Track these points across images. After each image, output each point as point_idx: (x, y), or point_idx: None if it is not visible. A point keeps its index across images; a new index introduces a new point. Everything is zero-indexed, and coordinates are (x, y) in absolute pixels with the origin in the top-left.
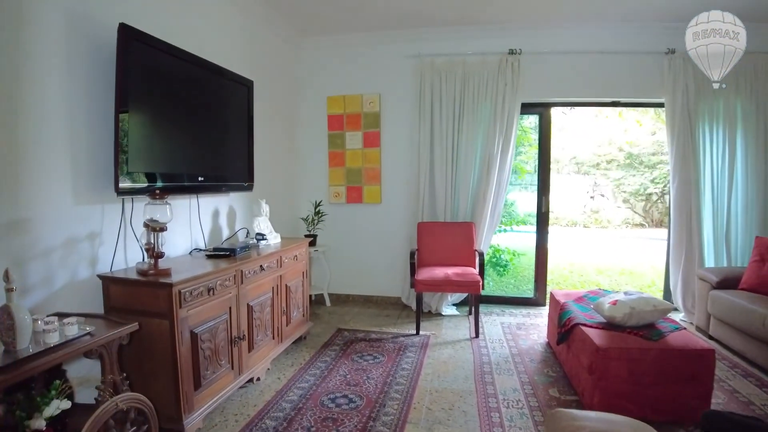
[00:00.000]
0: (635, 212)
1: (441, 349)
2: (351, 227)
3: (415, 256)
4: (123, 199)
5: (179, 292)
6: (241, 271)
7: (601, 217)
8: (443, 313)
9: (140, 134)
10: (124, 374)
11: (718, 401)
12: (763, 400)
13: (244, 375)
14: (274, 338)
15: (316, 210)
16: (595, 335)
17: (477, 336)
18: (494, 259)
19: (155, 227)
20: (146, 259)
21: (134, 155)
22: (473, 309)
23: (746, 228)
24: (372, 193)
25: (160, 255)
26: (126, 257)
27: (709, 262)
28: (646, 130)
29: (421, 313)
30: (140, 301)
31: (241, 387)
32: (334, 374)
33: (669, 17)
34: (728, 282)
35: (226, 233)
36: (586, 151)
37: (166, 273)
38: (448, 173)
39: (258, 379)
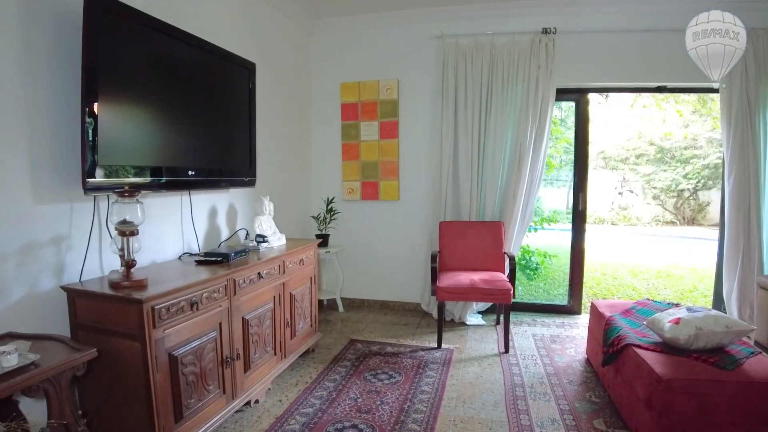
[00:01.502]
0: (666, 209)
1: (466, 367)
2: (366, 226)
3: (437, 260)
4: (96, 196)
5: (152, 308)
6: (234, 280)
7: (629, 214)
8: (467, 323)
9: (115, 121)
10: (80, 412)
11: None
12: None
13: (239, 399)
14: (276, 354)
15: (328, 208)
16: (654, 360)
17: (507, 351)
18: (523, 262)
19: (124, 231)
20: (121, 267)
21: (107, 145)
22: (502, 319)
23: None
24: (389, 189)
25: (132, 263)
26: (102, 264)
27: None
28: (679, 123)
29: (443, 323)
30: (109, 318)
31: (237, 411)
32: (344, 397)
33: None
34: None
35: (225, 234)
36: (615, 145)
37: (141, 285)
38: (473, 167)
39: (257, 401)
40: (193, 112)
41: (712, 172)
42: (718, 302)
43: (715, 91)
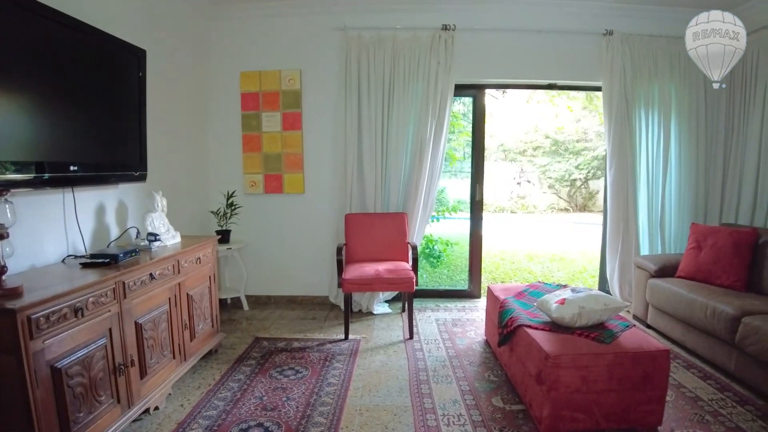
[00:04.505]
0: (560, 197)
1: (372, 356)
2: (271, 221)
3: (343, 252)
4: None
5: (28, 318)
6: (123, 283)
7: (527, 202)
8: (375, 312)
9: None
10: None
11: (667, 399)
12: (709, 394)
13: (136, 407)
14: (174, 357)
15: (229, 202)
16: (543, 339)
17: (411, 337)
18: (427, 250)
19: None
20: None
21: None
22: (407, 306)
23: (679, 214)
24: (294, 181)
25: (3, 270)
26: None
27: (644, 249)
28: (571, 117)
29: (351, 314)
30: None
31: (134, 420)
32: (249, 396)
33: None
34: (666, 270)
35: (114, 233)
36: (513, 138)
37: (15, 293)
38: (378, 159)
39: (156, 408)
40: (75, 102)
41: (601, 162)
42: (603, 282)
43: (599, 89)
